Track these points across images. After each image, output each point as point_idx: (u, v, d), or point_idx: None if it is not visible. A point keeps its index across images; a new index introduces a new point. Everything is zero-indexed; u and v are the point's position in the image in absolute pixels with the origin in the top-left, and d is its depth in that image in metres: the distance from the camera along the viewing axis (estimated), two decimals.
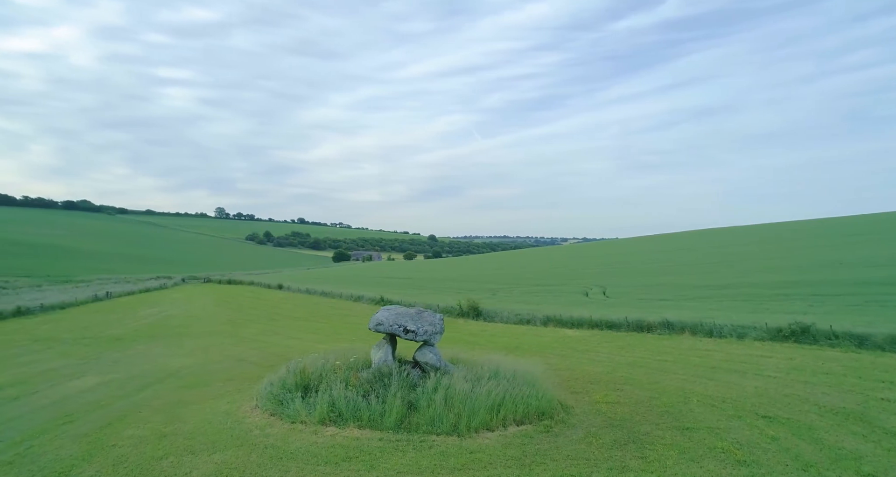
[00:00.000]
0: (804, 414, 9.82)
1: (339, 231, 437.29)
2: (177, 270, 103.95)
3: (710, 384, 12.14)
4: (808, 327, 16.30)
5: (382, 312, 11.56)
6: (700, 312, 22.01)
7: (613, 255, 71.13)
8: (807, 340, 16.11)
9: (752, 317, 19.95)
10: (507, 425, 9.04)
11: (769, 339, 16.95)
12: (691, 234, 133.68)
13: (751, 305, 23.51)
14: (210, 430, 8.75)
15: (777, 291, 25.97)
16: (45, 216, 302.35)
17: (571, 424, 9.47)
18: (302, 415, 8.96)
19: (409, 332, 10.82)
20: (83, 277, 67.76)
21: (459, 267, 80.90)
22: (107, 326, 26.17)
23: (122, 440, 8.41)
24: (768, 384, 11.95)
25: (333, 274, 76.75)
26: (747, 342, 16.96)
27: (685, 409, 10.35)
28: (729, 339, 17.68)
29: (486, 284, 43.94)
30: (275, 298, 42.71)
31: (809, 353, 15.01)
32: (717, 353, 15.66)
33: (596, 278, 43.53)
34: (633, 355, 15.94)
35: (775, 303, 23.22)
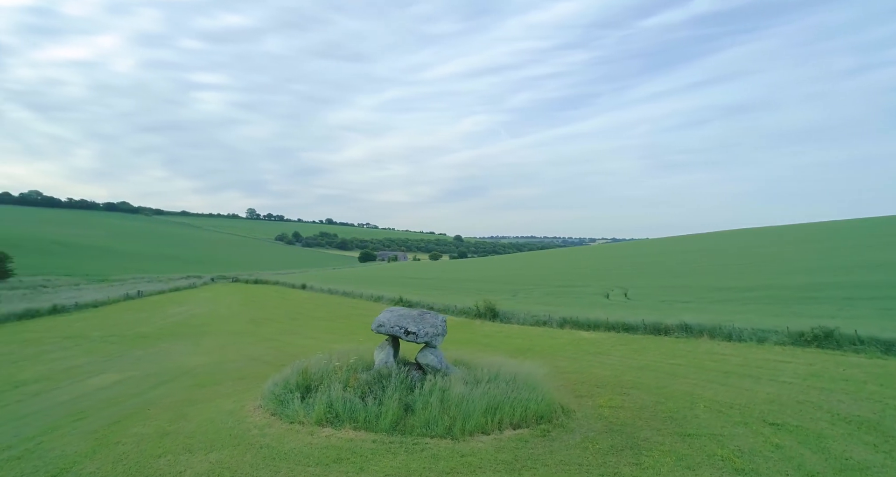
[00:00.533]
0: (815, 422, 9.46)
1: (365, 231, 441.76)
2: (208, 269, 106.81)
3: (721, 389, 11.81)
4: (831, 332, 15.68)
5: (385, 314, 11.66)
6: (721, 315, 21.41)
7: (639, 255, 69.84)
8: (830, 346, 15.50)
9: (776, 321, 19.30)
10: (503, 429, 8.99)
11: (791, 343, 16.37)
12: (721, 235, 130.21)
13: (776, 308, 22.74)
14: (211, 429, 8.99)
15: (806, 294, 25.03)
16: (87, 217, 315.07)
17: (570, 428, 9.36)
18: (300, 415, 9.12)
19: (409, 333, 10.88)
20: (119, 276, 70.25)
21: (483, 267, 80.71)
22: (135, 323, 27.11)
23: (126, 438, 8.73)
24: (782, 390, 11.56)
25: (357, 274, 77.59)
26: (767, 347, 16.42)
27: (690, 414, 10.11)
28: (748, 343, 17.16)
29: (508, 285, 43.71)
30: (298, 298, 43.45)
31: (831, 358, 14.44)
32: (734, 357, 15.21)
33: (619, 279, 42.81)
34: (646, 359, 15.64)
35: (803, 306, 22.40)
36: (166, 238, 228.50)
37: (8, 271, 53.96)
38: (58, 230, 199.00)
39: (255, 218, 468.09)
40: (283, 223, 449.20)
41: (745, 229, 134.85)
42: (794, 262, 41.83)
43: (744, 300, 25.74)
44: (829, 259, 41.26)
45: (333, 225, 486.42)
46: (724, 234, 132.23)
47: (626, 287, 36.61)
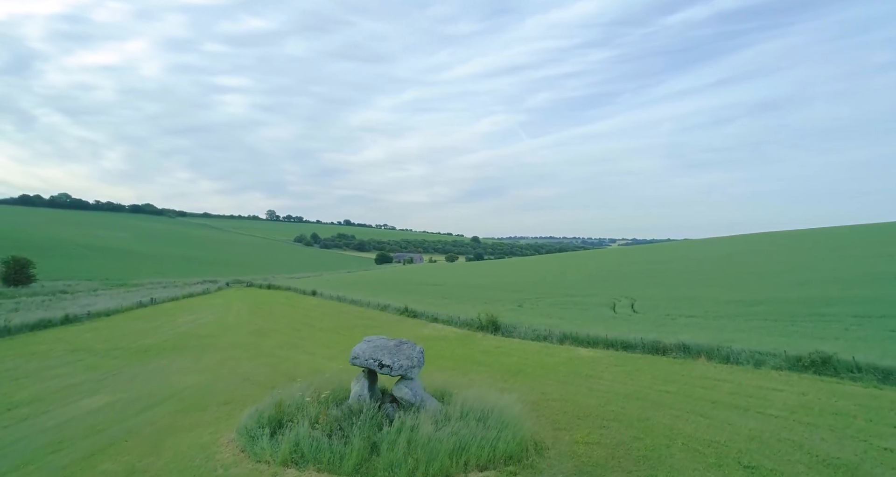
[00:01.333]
0: (792, 465, 9.20)
1: (383, 232, 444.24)
2: (226, 272, 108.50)
3: (704, 424, 11.55)
4: (829, 358, 15.20)
5: (361, 345, 11.69)
6: (722, 334, 20.97)
7: (652, 262, 68.83)
8: (827, 372, 15.02)
9: (777, 341, 18.82)
10: (468, 471, 8.93)
11: (788, 368, 15.93)
12: (739, 239, 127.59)
13: (781, 325, 22.16)
14: (179, 466, 9.13)
15: (814, 310, 24.33)
16: (114, 219, 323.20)
17: (539, 469, 9.26)
18: (267, 454, 9.20)
19: (384, 366, 10.89)
20: (138, 280, 71.87)
21: (495, 272, 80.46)
22: (141, 335, 27.68)
23: (94, 476, 8.91)
24: (766, 425, 11.26)
25: (370, 278, 78.02)
26: (763, 371, 16.01)
27: (666, 453, 9.92)
28: (745, 366, 16.75)
29: (515, 294, 43.47)
30: (307, 306, 43.86)
31: (826, 387, 14.00)
32: (727, 383, 14.86)
33: (628, 288, 42.27)
34: (637, 384, 15.37)
35: (809, 324, 21.78)
36: (188, 240, 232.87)
37: (31, 277, 55.61)
38: (85, 232, 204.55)
39: (275, 219, 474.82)
40: (302, 225, 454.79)
41: (766, 233, 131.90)
42: (810, 271, 40.73)
43: (750, 315, 25.14)
44: (846, 269, 40.11)
45: (352, 226, 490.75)
46: (743, 239, 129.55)
47: (634, 297, 36.12)
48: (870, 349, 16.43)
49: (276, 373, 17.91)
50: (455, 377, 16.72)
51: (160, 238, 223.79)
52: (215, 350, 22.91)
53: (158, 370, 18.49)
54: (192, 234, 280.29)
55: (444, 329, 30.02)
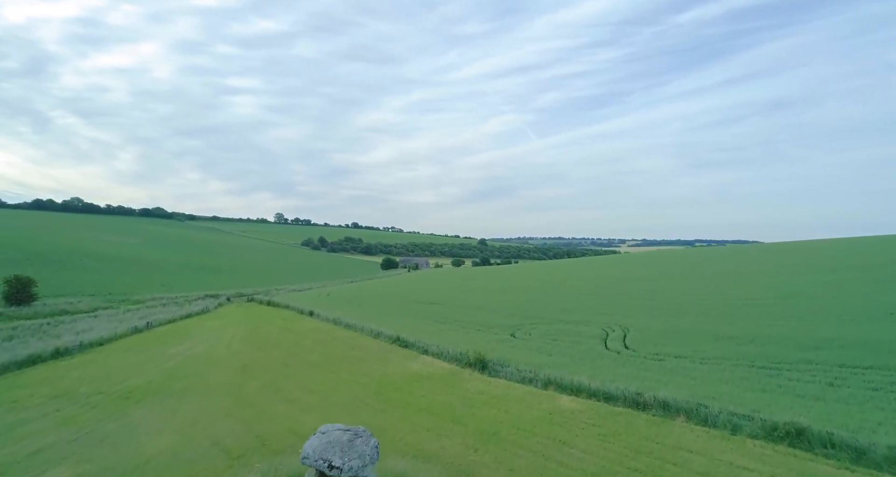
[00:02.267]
0: None
1: (390, 235, 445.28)
2: (232, 281, 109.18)
3: None
4: (803, 430, 14.79)
5: (313, 441, 11.48)
6: (706, 385, 20.59)
7: (651, 279, 68.14)
8: (801, 446, 14.58)
9: (759, 399, 18.42)
10: None
11: (763, 437, 15.52)
12: (744, 251, 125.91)
13: (767, 374, 21.67)
14: None
15: (801, 355, 23.78)
16: (124, 224, 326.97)
17: None
18: None
19: (333, 468, 10.67)
20: (141, 294, 72.51)
21: (494, 284, 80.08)
22: (128, 372, 27.79)
23: None
24: None
25: (370, 292, 77.94)
26: (739, 440, 15.61)
27: None
28: (722, 431, 16.36)
29: (510, 318, 43.13)
30: (301, 330, 43.88)
31: (799, 465, 13.62)
32: (698, 458, 14.50)
33: (624, 313, 41.82)
34: (607, 456, 15.06)
35: (793, 374, 21.27)
36: (196, 245, 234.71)
37: (33, 296, 56.23)
38: (96, 237, 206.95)
39: (283, 222, 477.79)
40: (310, 228, 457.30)
41: (769, 245, 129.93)
42: (808, 299, 39.99)
43: (738, 358, 24.65)
44: (844, 298, 39.36)
45: (359, 229, 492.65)
46: (748, 251, 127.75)
47: (627, 326, 35.71)
48: (848, 416, 15.99)
49: (248, 434, 17.80)
50: (426, 442, 16.55)
51: (169, 243, 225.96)
52: (196, 397, 22.88)
53: (132, 428, 18.46)
54: (200, 238, 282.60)
55: (433, 364, 29.84)
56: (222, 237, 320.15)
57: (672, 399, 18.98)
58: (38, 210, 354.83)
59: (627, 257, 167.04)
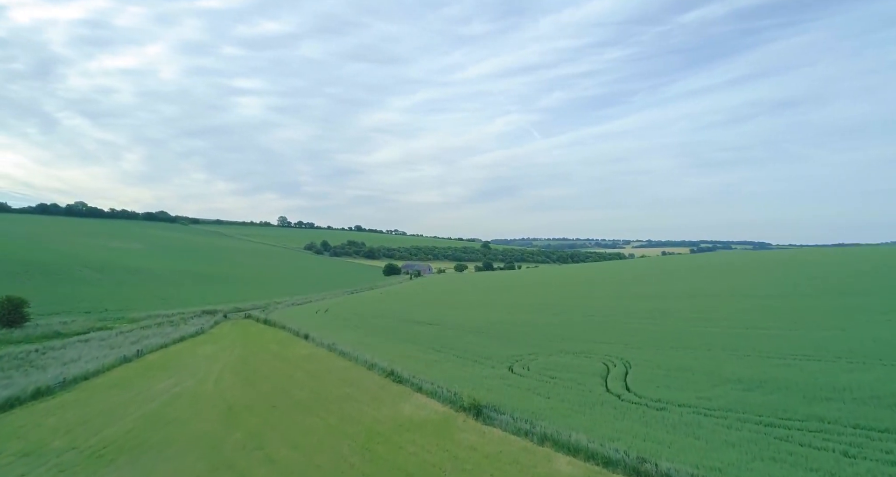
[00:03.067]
0: None
1: (393, 239, 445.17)
2: (233, 291, 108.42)
3: None
4: None
5: None
6: (708, 448, 19.26)
7: (654, 295, 66.72)
8: None
9: (767, 471, 17.09)
10: None
11: None
12: (751, 260, 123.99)
13: (775, 435, 20.30)
14: None
15: (813, 410, 22.30)
16: (128, 228, 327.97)
17: None
18: None
19: None
20: (138, 311, 71.70)
21: (495, 299, 78.86)
22: (108, 417, 26.73)
23: None
24: None
25: (367, 307, 76.84)
26: None
27: None
28: None
29: (508, 346, 41.83)
30: (295, 357, 42.81)
31: None
32: None
33: (626, 339, 40.54)
34: None
35: (806, 436, 19.87)
36: (198, 251, 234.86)
37: (25, 317, 55.44)
38: (99, 243, 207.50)
39: (287, 225, 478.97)
40: (313, 231, 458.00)
41: (783, 254, 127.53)
42: (824, 330, 38.54)
43: (744, 409, 23.22)
44: (856, 333, 37.90)
45: (362, 232, 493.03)
46: (753, 261, 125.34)
47: (630, 361, 34.40)
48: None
49: None
50: None
51: (170, 249, 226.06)
52: (172, 454, 21.77)
53: None
54: (202, 243, 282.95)
55: (426, 406, 28.65)
56: (225, 241, 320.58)
57: (675, 471, 17.70)
58: (42, 214, 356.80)
59: (632, 266, 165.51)
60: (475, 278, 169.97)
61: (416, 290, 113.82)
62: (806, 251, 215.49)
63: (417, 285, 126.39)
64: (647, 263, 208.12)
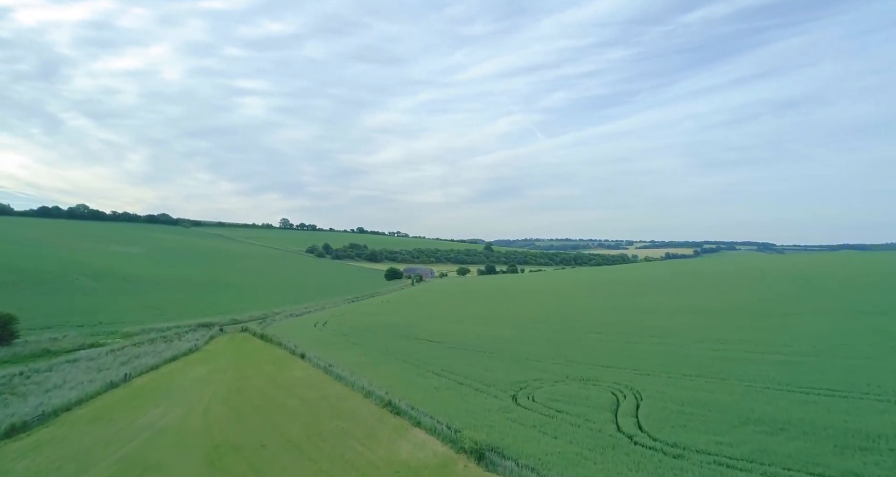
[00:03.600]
0: None
1: (396, 241, 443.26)
2: (232, 299, 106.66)
3: None
4: None
5: None
6: None
7: (664, 310, 64.68)
8: None
9: None
10: None
11: None
12: (765, 265, 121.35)
13: None
14: None
15: (848, 463, 20.37)
16: (130, 231, 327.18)
17: None
18: None
19: None
20: (132, 326, 70.02)
21: (498, 310, 76.97)
22: (83, 462, 24.96)
23: None
24: None
25: (366, 319, 75.03)
26: None
27: None
28: None
29: (512, 370, 39.92)
30: (290, 381, 41.01)
31: None
32: None
33: (635, 363, 38.64)
34: None
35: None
36: (198, 255, 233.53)
37: (14, 334, 53.86)
38: (100, 248, 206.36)
39: (289, 228, 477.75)
40: (315, 233, 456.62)
41: (800, 258, 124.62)
42: (846, 361, 36.51)
43: (768, 457, 21.13)
44: (893, 364, 35.90)
45: (364, 234, 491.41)
46: (768, 265, 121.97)
47: (640, 392, 32.49)
48: None
49: None
50: None
51: (171, 253, 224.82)
52: None
53: None
54: (203, 247, 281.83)
55: (425, 445, 26.81)
56: (227, 245, 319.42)
57: None
58: (44, 217, 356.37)
59: (635, 273, 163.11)
60: (477, 283, 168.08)
61: (417, 297, 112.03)
62: (815, 257, 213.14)
63: (419, 292, 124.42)
64: (651, 269, 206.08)
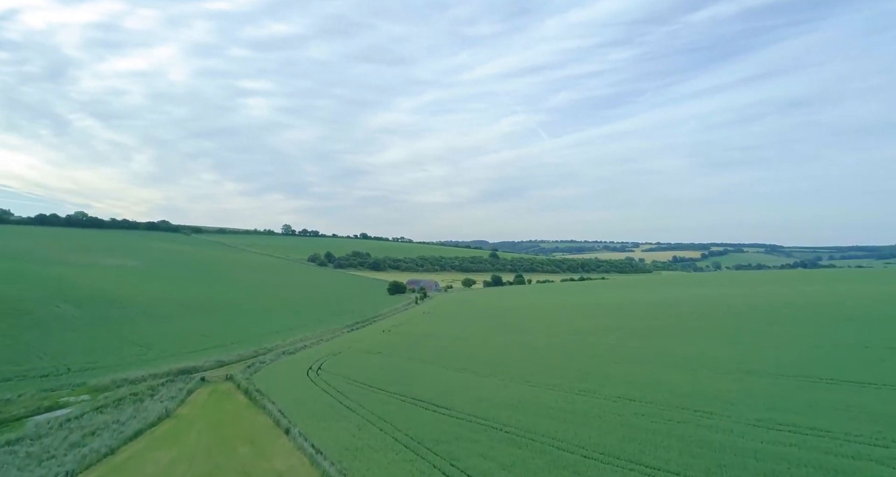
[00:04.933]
0: None
1: (399, 247, 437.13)
2: (225, 327, 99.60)
3: None
4: None
5: None
6: None
7: (696, 360, 56.67)
8: None
9: None
10: None
11: None
12: (783, 279, 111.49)
13: None
14: None
15: None
16: (128, 240, 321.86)
17: None
18: None
19: None
20: (104, 373, 63.08)
21: (508, 341, 69.20)
22: None
23: None
24: None
25: (363, 368, 67.61)
26: None
27: None
28: None
29: (511, 444, 32.35)
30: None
31: None
32: None
33: (688, 460, 30.91)
34: None
35: None
36: (197, 267, 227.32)
37: None
38: (96, 261, 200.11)
39: (290, 234, 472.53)
40: (318, 239, 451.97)
41: (819, 274, 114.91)
42: None
43: None
44: None
45: (367, 240, 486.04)
46: (786, 279, 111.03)
47: None
48: None
49: None
50: None
51: (169, 267, 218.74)
52: None
53: None
54: (204, 258, 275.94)
55: None
56: (227, 254, 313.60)
57: None
58: (42, 225, 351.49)
59: (650, 292, 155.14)
60: (484, 300, 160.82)
61: (420, 326, 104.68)
62: (836, 273, 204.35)
63: (422, 318, 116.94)
64: (665, 286, 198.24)
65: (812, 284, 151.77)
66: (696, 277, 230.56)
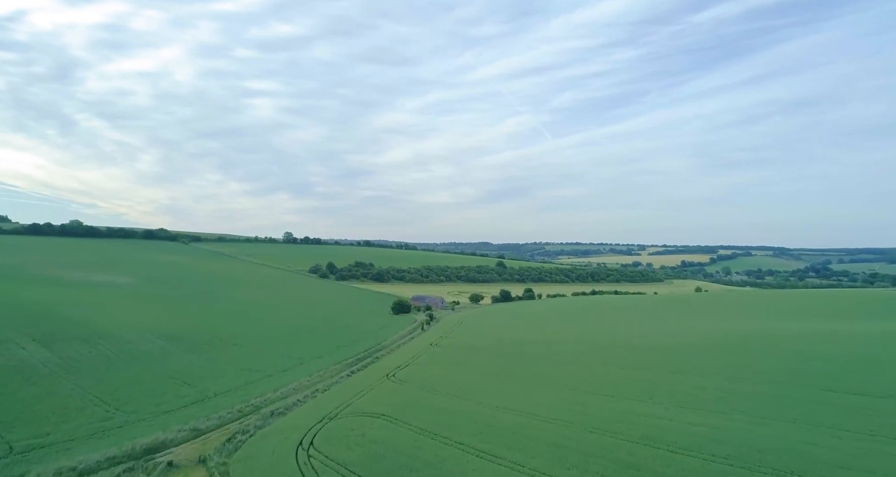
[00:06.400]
0: None
1: (403, 255, 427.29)
2: (208, 371, 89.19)
3: None
4: None
5: None
6: None
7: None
8: None
9: None
10: None
11: None
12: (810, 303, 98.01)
13: None
14: None
15: None
16: (123, 251, 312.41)
17: None
18: None
19: None
20: (48, 458, 52.56)
21: (520, 391, 58.38)
22: None
23: None
24: None
25: (362, 442, 56.88)
26: None
27: None
28: None
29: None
30: None
31: None
32: None
33: None
34: None
35: None
36: (192, 284, 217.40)
37: None
38: (85, 278, 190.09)
39: (292, 241, 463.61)
40: (319, 247, 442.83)
41: (847, 294, 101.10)
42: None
43: None
44: None
45: (371, 247, 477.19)
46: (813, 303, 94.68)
47: None
48: None
49: None
50: None
51: (162, 285, 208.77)
52: None
53: None
54: (200, 271, 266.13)
55: None
56: (225, 266, 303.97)
57: None
58: (35, 235, 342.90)
59: (667, 317, 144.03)
60: (494, 323, 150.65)
61: (427, 367, 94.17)
62: (863, 295, 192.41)
63: (429, 357, 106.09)
64: (681, 308, 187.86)
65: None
66: (726, 298, 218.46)
